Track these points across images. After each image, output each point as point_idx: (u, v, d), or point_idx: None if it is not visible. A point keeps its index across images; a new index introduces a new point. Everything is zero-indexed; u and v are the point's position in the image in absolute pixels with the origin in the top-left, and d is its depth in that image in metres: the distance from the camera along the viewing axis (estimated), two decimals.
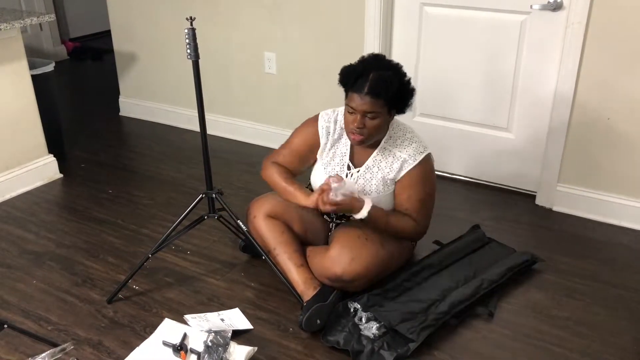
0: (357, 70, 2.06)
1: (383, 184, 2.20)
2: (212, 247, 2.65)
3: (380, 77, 2.02)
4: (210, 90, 3.19)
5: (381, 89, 2.01)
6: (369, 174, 2.22)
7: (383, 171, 2.20)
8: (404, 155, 2.18)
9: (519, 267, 2.39)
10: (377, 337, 2.03)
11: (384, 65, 2.09)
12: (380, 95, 2.01)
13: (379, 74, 2.03)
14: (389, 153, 2.20)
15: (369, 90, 2.00)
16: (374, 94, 2.01)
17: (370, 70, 2.04)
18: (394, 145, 2.20)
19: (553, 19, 2.69)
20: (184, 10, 3.66)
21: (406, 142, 2.20)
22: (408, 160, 2.17)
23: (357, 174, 2.23)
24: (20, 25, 2.89)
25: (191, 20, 2.11)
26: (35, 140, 3.22)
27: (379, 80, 2.01)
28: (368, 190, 2.21)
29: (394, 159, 2.19)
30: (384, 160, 2.20)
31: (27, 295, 2.33)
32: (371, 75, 2.02)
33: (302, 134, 2.33)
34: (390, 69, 2.08)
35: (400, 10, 3.07)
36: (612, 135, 2.69)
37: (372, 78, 2.01)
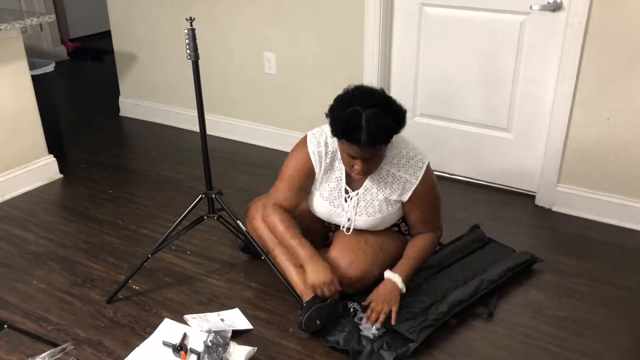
0: (349, 119, 1.90)
1: (386, 204, 2.16)
2: (211, 247, 2.65)
3: (377, 123, 1.88)
4: (210, 90, 3.18)
5: (380, 136, 1.91)
6: (369, 195, 2.16)
7: (384, 191, 2.14)
8: (404, 175, 2.11)
9: (518, 267, 2.39)
10: (377, 337, 2.03)
11: (374, 101, 1.93)
12: (379, 140, 1.93)
13: (374, 119, 1.87)
14: (386, 173, 2.12)
15: (367, 141, 1.88)
16: (372, 143, 1.90)
17: (359, 113, 1.88)
18: (391, 165, 2.11)
19: (552, 20, 2.70)
20: (183, 11, 3.67)
21: (403, 160, 2.11)
22: (410, 181, 2.11)
23: (357, 197, 2.17)
24: (20, 25, 2.89)
25: (191, 21, 2.11)
26: (35, 141, 3.22)
27: (376, 128, 1.88)
28: (371, 212, 2.17)
29: (394, 179, 2.12)
30: (382, 181, 2.13)
31: (27, 295, 2.34)
32: (364, 122, 1.86)
33: (294, 163, 2.19)
34: (380, 104, 1.93)
35: (400, 11, 3.07)
36: (611, 136, 2.69)
37: (367, 127, 1.86)
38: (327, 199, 2.21)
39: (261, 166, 3.46)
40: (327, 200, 2.21)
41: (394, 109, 1.97)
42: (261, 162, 3.51)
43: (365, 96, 1.97)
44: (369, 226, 2.21)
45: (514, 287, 2.34)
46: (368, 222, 2.20)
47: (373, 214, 2.18)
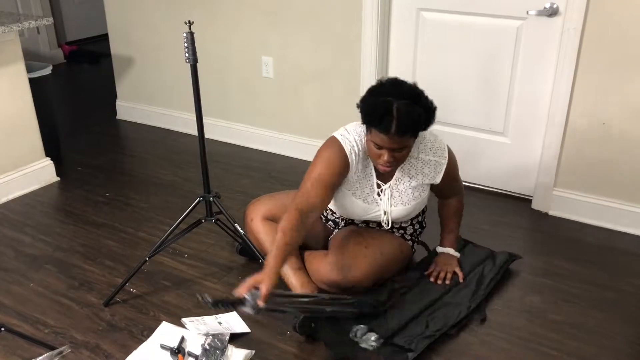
0: (379, 107, 1.91)
1: (419, 190, 2.19)
2: (209, 250, 2.65)
3: (408, 114, 1.90)
4: (207, 94, 3.19)
5: (409, 126, 1.92)
6: (401, 185, 2.18)
7: (416, 178, 2.17)
8: (433, 158, 2.17)
9: (502, 269, 2.41)
10: (376, 348, 2.00)
11: (404, 93, 1.95)
12: (409, 130, 1.93)
13: (405, 110, 1.89)
14: (415, 160, 2.16)
15: (396, 130, 1.89)
16: (402, 132, 1.91)
17: (392, 103, 1.90)
18: (419, 151, 2.15)
19: (549, 25, 2.71)
20: (181, 14, 3.67)
21: (429, 144, 2.16)
22: (440, 162, 2.18)
23: (389, 189, 2.18)
24: (18, 28, 2.89)
25: (189, 24, 2.12)
26: (32, 144, 3.22)
27: (407, 118, 1.90)
28: (406, 201, 2.19)
29: (424, 164, 2.17)
30: (412, 168, 2.17)
31: (23, 298, 2.33)
32: (395, 111, 1.88)
33: (327, 163, 2.08)
34: (411, 96, 1.95)
35: (397, 15, 3.09)
36: (607, 140, 2.71)
37: (397, 116, 1.88)
38: (360, 197, 2.19)
39: (258, 170, 3.47)
40: (360, 198, 2.19)
41: (425, 103, 1.99)
42: (258, 166, 3.52)
43: (397, 87, 1.99)
44: (405, 215, 2.25)
45: (510, 291, 2.35)
46: (404, 210, 2.22)
47: (408, 202, 2.21)
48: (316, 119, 3.46)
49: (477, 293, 2.27)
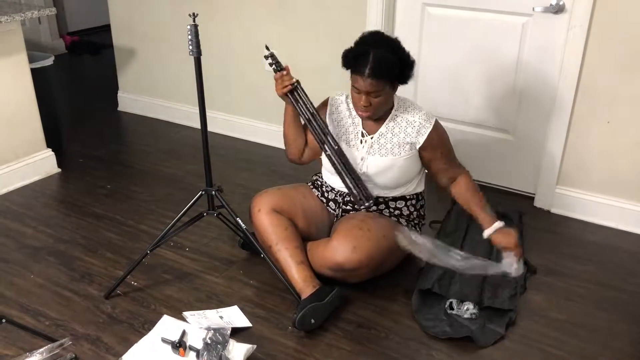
0: (356, 51, 2.11)
1: (399, 147, 2.25)
2: (210, 244, 2.64)
3: (381, 58, 2.05)
4: (209, 87, 3.17)
5: (382, 70, 2.05)
6: (383, 139, 2.26)
7: (398, 136, 2.25)
8: (417, 119, 2.24)
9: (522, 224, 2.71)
10: (476, 316, 2.11)
11: (382, 42, 2.13)
12: (382, 76, 2.06)
13: (379, 54, 2.06)
14: (400, 119, 2.25)
15: (370, 72, 2.05)
16: (375, 75, 2.05)
17: (369, 49, 2.07)
18: (404, 112, 2.26)
19: (555, 22, 2.70)
20: (184, 6, 3.65)
21: (416, 109, 2.27)
22: (424, 125, 2.23)
23: (371, 140, 2.27)
24: (20, 18, 2.87)
25: (194, 17, 2.10)
26: (33, 135, 3.21)
27: (379, 62, 2.05)
28: (384, 153, 2.26)
29: (407, 124, 2.24)
30: (397, 126, 2.25)
31: (24, 290, 2.32)
32: (371, 56, 2.05)
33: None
34: (388, 45, 2.12)
35: (402, 10, 3.07)
36: (611, 139, 2.70)
37: (372, 59, 2.05)
38: (344, 141, 2.31)
39: (260, 163, 3.46)
40: (345, 141, 2.31)
41: (402, 54, 2.14)
42: (260, 160, 3.51)
43: (376, 37, 2.19)
44: (381, 168, 2.26)
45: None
46: (380, 162, 2.26)
47: (385, 155, 2.26)
48: None
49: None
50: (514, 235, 2.22)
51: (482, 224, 2.27)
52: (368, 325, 2.15)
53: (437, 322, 2.14)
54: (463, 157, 3.16)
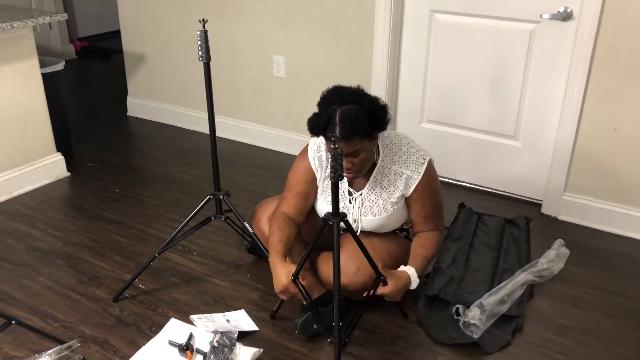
0: (321, 118, 1.94)
1: (391, 203, 2.17)
2: (218, 248, 2.66)
3: (347, 116, 1.90)
4: (218, 92, 3.20)
5: (351, 129, 1.90)
6: (373, 194, 2.17)
7: (387, 190, 2.15)
8: (406, 171, 2.12)
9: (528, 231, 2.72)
10: (483, 322, 2.11)
11: (345, 98, 1.96)
12: (352, 135, 1.91)
13: (344, 112, 1.91)
14: (388, 171, 2.13)
15: (341, 135, 1.90)
16: (346, 137, 1.90)
17: (332, 112, 1.92)
18: (392, 162, 2.13)
19: (562, 29, 2.71)
20: (193, 12, 3.69)
21: (404, 157, 2.13)
22: (412, 176, 2.11)
23: (360, 197, 2.18)
24: (33, 23, 2.91)
25: (203, 23, 2.12)
26: (43, 138, 3.24)
27: (346, 121, 1.90)
28: (377, 211, 2.18)
29: (396, 176, 2.13)
30: (385, 179, 2.14)
31: (33, 292, 2.35)
32: (337, 117, 1.91)
33: (296, 173, 2.22)
34: (353, 99, 1.96)
35: (410, 17, 3.09)
36: (618, 146, 2.70)
37: (339, 120, 1.90)
38: (327, 200, 2.20)
39: (267, 168, 3.47)
40: (327, 201, 2.20)
41: (369, 103, 1.98)
42: (267, 165, 3.53)
43: (338, 94, 2.00)
44: (375, 226, 2.22)
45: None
46: (374, 222, 2.20)
47: (378, 213, 2.18)
48: None
49: (521, 255, 2.53)
50: (400, 286, 2.04)
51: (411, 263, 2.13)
52: (374, 331, 2.15)
53: (444, 328, 2.14)
54: (471, 163, 3.18)
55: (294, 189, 2.22)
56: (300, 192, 2.22)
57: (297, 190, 2.22)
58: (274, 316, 2.22)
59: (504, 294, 2.22)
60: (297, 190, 2.22)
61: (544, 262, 2.47)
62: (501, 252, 2.55)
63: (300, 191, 2.22)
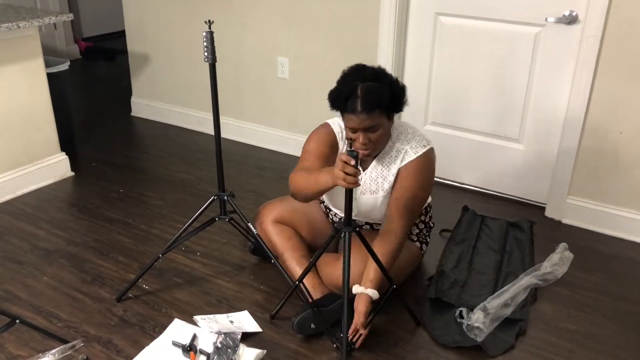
0: (342, 91, 1.99)
1: (388, 182, 2.18)
2: (221, 249, 2.66)
3: (369, 90, 1.95)
4: (222, 93, 3.19)
5: (373, 101, 1.95)
6: (374, 172, 2.19)
7: (388, 167, 2.17)
8: (405, 147, 2.15)
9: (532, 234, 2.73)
10: (487, 325, 2.11)
11: (367, 75, 2.02)
12: (374, 107, 1.95)
13: (366, 86, 1.96)
14: (390, 149, 2.17)
15: (362, 107, 1.94)
16: (368, 109, 1.94)
17: (355, 85, 1.97)
18: (397, 140, 2.17)
19: (568, 32, 2.70)
20: (198, 14, 3.70)
21: (409, 137, 2.17)
22: (409, 152, 2.13)
23: (365, 175, 2.20)
24: (38, 24, 2.92)
25: (209, 24, 2.13)
26: (48, 138, 3.24)
27: (369, 94, 1.95)
28: (374, 189, 2.19)
29: (397, 153, 2.16)
30: (387, 156, 2.17)
31: (37, 291, 2.35)
32: (358, 91, 1.95)
33: (319, 138, 2.21)
34: (375, 77, 2.01)
35: (415, 19, 3.09)
36: (623, 149, 2.70)
37: (360, 94, 1.95)
38: None
39: (271, 169, 3.48)
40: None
41: (390, 81, 2.02)
42: (271, 166, 3.53)
43: (360, 71, 2.04)
44: (371, 205, 2.21)
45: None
46: (370, 200, 2.20)
47: (376, 191, 2.19)
48: None
49: (525, 259, 2.54)
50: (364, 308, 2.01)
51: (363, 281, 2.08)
52: (378, 333, 2.15)
53: (447, 331, 2.14)
54: (474, 166, 3.18)
55: (316, 151, 2.16)
56: (323, 154, 2.15)
57: (318, 153, 2.15)
58: (274, 317, 2.22)
59: (507, 297, 2.22)
60: (318, 153, 2.15)
61: (548, 265, 2.47)
62: (505, 255, 2.55)
63: (323, 153, 2.15)
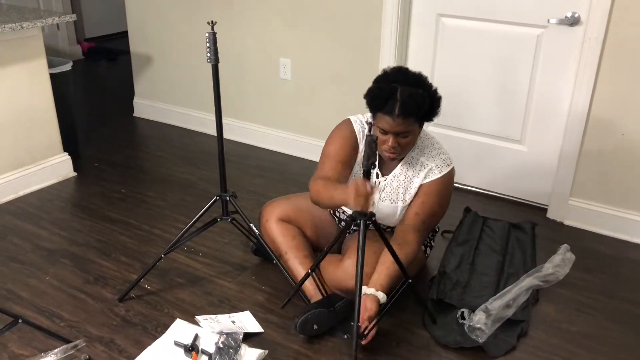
0: (384, 91, 1.96)
1: (409, 195, 2.18)
2: (223, 249, 2.66)
3: (411, 96, 1.93)
4: (224, 94, 3.21)
5: (412, 107, 1.93)
6: (396, 181, 2.19)
7: (411, 179, 2.17)
8: (431, 164, 2.15)
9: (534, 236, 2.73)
10: (488, 326, 2.11)
11: (409, 79, 2.00)
12: (412, 114, 1.94)
13: (408, 92, 1.93)
14: (416, 162, 2.16)
15: (400, 111, 1.92)
16: (405, 114, 1.93)
17: (396, 88, 1.94)
18: (422, 154, 2.16)
19: (570, 34, 2.71)
20: (200, 14, 3.70)
21: (434, 152, 2.17)
22: (434, 170, 2.15)
23: (385, 182, 2.20)
24: (42, 24, 2.92)
25: (212, 24, 2.13)
26: (50, 139, 3.25)
27: (410, 100, 1.92)
28: (394, 198, 2.19)
29: (421, 167, 2.16)
30: (411, 169, 2.17)
31: (40, 291, 2.35)
32: (399, 94, 1.93)
33: (339, 139, 2.19)
34: (416, 83, 1.99)
35: (417, 20, 3.09)
36: (625, 151, 2.70)
37: (401, 98, 1.92)
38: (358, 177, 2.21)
39: (273, 170, 3.48)
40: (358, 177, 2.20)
41: (429, 88, 2.02)
42: (273, 166, 3.53)
43: (401, 74, 2.03)
44: (389, 213, 2.23)
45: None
46: (389, 208, 2.21)
47: (395, 201, 2.20)
48: (332, 122, 3.44)
49: (527, 260, 2.54)
50: (373, 309, 1.97)
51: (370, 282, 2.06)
52: (379, 334, 2.14)
53: (449, 332, 2.14)
54: (476, 167, 3.18)
55: (338, 156, 2.15)
56: (344, 159, 2.15)
57: (340, 157, 2.14)
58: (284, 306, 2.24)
59: (509, 299, 2.22)
60: (340, 157, 2.14)
61: (550, 267, 2.47)
62: (507, 257, 2.55)
63: (343, 158, 2.15)
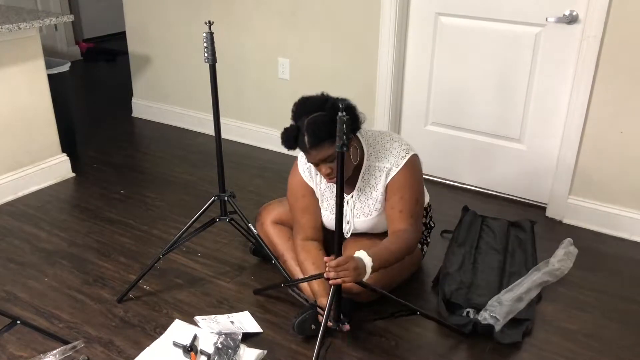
0: (290, 131, 1.97)
1: (380, 202, 2.16)
2: (222, 249, 2.66)
3: (315, 124, 1.92)
4: (222, 94, 3.19)
5: (321, 134, 1.91)
6: (363, 195, 2.18)
7: (375, 188, 2.15)
8: (386, 165, 2.12)
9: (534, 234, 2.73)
10: (494, 324, 2.12)
11: (308, 108, 1.98)
12: (321, 141, 1.92)
13: (312, 121, 1.92)
14: (373, 169, 2.14)
15: (310, 144, 1.93)
16: (317, 142, 1.92)
17: (299, 123, 1.96)
18: (376, 160, 2.14)
19: (568, 32, 2.70)
20: (198, 14, 3.70)
21: (386, 152, 2.14)
22: (392, 169, 2.11)
23: (352, 200, 2.19)
24: (39, 25, 2.92)
25: (209, 24, 2.13)
26: (49, 139, 3.25)
27: (315, 128, 1.91)
28: (368, 211, 2.19)
29: (380, 172, 2.13)
30: (372, 177, 2.15)
31: (38, 292, 2.35)
32: (304, 128, 1.93)
33: (293, 191, 2.24)
34: (316, 108, 1.97)
35: (415, 20, 3.09)
36: (624, 149, 2.69)
37: (307, 131, 1.92)
38: (327, 209, 2.23)
39: (272, 170, 3.48)
40: (328, 210, 2.23)
41: (331, 107, 1.95)
42: (271, 166, 3.53)
43: (303, 106, 2.01)
44: (368, 227, 2.22)
45: None
46: (367, 222, 2.21)
47: (370, 213, 2.19)
48: None
49: (528, 259, 2.53)
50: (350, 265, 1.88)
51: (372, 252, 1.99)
52: (378, 333, 2.15)
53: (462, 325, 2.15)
54: (475, 166, 3.18)
55: (299, 207, 2.25)
56: (305, 207, 2.24)
57: (301, 207, 2.24)
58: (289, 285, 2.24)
59: (521, 292, 2.23)
60: (301, 207, 2.24)
61: (555, 261, 2.47)
62: (507, 255, 2.55)
63: (304, 207, 2.24)
